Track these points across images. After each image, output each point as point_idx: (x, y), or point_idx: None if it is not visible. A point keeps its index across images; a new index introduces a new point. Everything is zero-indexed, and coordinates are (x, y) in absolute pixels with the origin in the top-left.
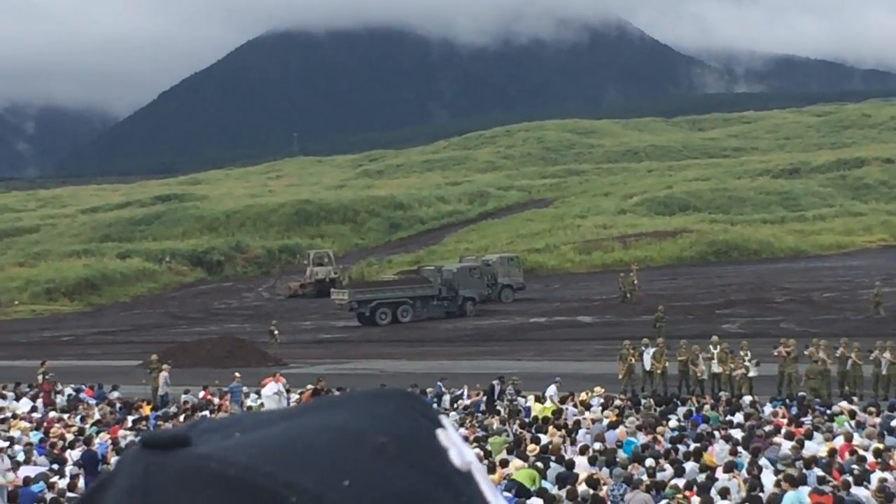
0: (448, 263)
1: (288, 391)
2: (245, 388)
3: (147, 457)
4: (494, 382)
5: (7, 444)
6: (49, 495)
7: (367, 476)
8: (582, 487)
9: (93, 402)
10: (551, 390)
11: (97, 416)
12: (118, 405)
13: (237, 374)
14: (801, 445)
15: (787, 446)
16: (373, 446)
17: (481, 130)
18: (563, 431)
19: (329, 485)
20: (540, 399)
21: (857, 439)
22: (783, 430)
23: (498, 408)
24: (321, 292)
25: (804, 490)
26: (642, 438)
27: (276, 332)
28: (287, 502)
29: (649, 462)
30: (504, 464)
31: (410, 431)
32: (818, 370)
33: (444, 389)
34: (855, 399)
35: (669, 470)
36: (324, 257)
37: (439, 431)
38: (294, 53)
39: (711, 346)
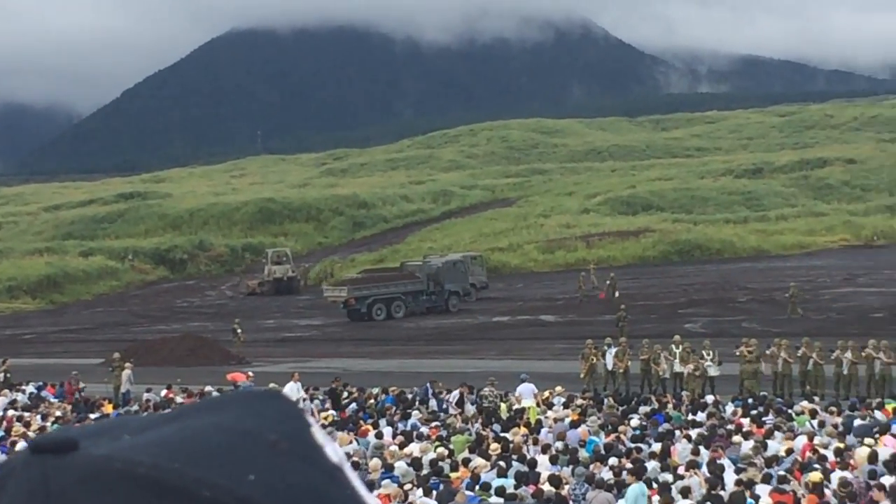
0: (431, 257)
1: (307, 390)
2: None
3: (40, 461)
4: (461, 389)
5: None
6: None
7: (268, 471)
8: (544, 487)
9: (54, 399)
10: (528, 389)
11: (58, 414)
12: (80, 403)
13: (250, 374)
14: (764, 445)
15: (747, 445)
16: (266, 443)
17: (445, 129)
18: (526, 430)
19: (237, 479)
20: (503, 398)
21: (817, 438)
22: (744, 430)
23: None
24: (279, 291)
25: (762, 489)
26: (604, 438)
27: (239, 330)
28: (200, 497)
29: (612, 461)
30: (466, 462)
31: (294, 430)
32: (752, 370)
33: (431, 393)
34: (816, 398)
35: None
36: (282, 256)
37: (313, 430)
38: (258, 52)
39: (673, 346)
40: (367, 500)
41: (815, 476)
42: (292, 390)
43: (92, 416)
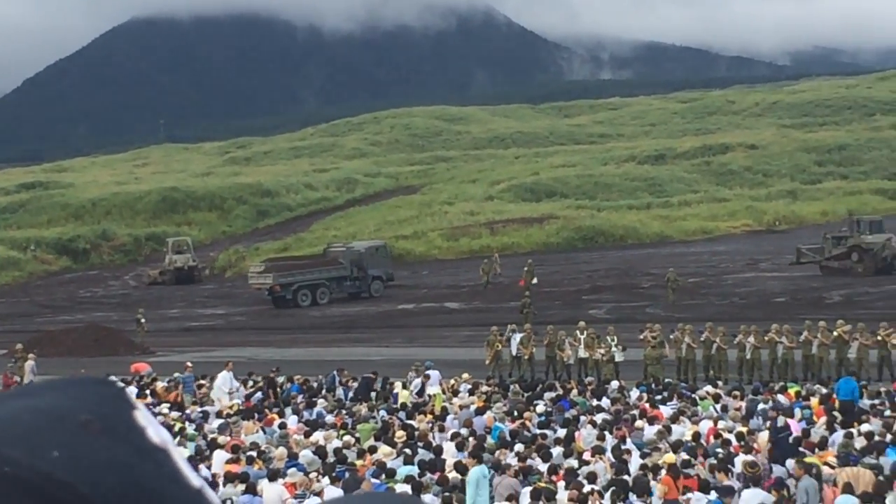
0: (353, 243)
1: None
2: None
3: None
4: (371, 375)
5: None
6: None
7: (75, 448)
8: (451, 474)
9: None
10: (433, 376)
11: None
12: None
13: (189, 364)
14: (668, 430)
15: (650, 430)
16: (78, 423)
17: (349, 117)
18: (431, 417)
19: (39, 455)
20: (407, 385)
21: (721, 423)
22: (648, 415)
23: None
24: (180, 280)
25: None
26: (510, 424)
27: (142, 320)
28: (0, 473)
29: (518, 447)
30: (372, 450)
31: (112, 411)
32: (656, 355)
33: (338, 381)
34: (719, 383)
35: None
36: (183, 245)
37: (136, 413)
38: (160, 40)
39: (578, 332)
40: (190, 480)
41: (670, 457)
42: (225, 380)
43: None
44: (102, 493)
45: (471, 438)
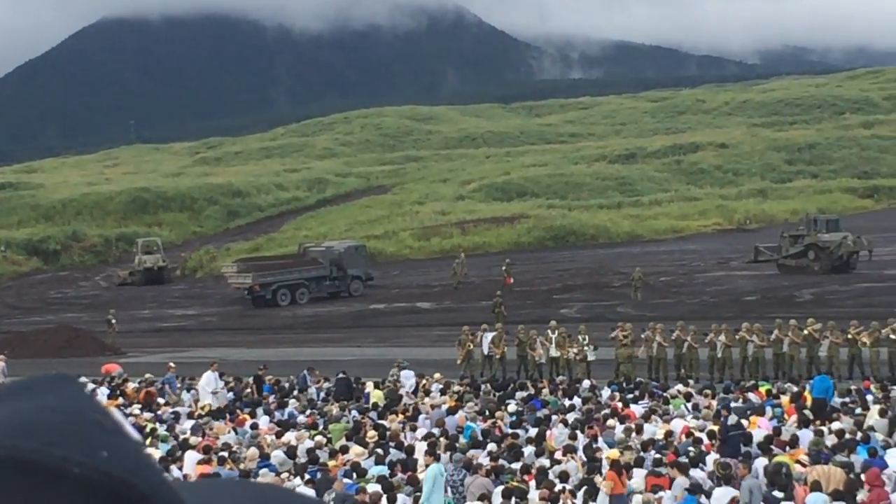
0: (332, 242)
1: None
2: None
3: None
4: (417, 379)
5: None
6: None
7: (112, 447)
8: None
9: None
10: (408, 376)
11: None
12: None
13: (171, 364)
14: (640, 429)
15: (621, 429)
16: (93, 422)
17: (319, 117)
18: (403, 417)
19: (94, 456)
20: (379, 385)
21: (693, 421)
22: (620, 414)
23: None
24: (149, 280)
25: (640, 473)
26: (482, 424)
27: (113, 321)
28: (70, 474)
29: (490, 447)
30: (344, 450)
31: (104, 410)
32: (627, 354)
33: (310, 381)
34: (691, 382)
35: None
36: (152, 246)
37: (112, 410)
38: (130, 40)
39: (549, 331)
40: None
41: (613, 453)
42: (209, 380)
43: None
44: (157, 491)
45: (442, 438)
